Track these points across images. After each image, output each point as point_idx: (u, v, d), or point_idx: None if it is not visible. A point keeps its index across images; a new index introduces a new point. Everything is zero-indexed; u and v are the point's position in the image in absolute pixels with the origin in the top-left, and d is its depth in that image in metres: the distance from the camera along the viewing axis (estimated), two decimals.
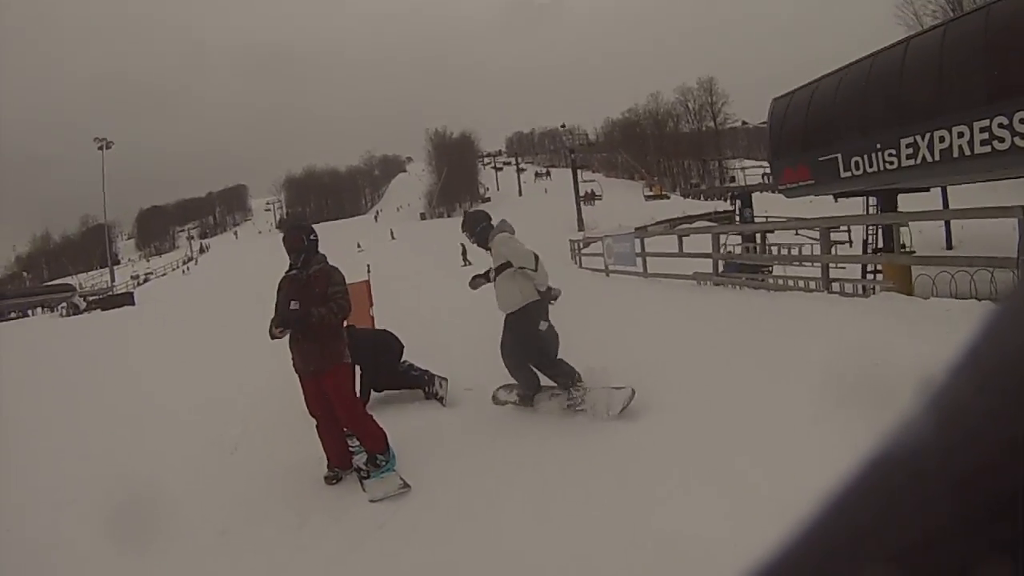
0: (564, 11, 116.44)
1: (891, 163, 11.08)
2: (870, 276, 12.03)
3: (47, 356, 15.83)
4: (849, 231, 15.85)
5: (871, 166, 11.55)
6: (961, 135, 9.78)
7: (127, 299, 35.46)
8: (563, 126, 79.61)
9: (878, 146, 11.24)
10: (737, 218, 24.30)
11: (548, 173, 79.06)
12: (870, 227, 14.03)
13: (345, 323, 5.87)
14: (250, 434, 6.83)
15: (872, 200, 13.88)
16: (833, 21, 69.27)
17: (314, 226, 6.20)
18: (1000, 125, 9.37)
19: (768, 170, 16.92)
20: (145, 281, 58.30)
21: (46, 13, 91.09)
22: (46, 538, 4.98)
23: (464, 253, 9.43)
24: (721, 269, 12.93)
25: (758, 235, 14.76)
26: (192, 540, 4.73)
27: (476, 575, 3.92)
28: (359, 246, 30.35)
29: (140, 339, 16.54)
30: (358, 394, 6.42)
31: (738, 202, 24.12)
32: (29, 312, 44.34)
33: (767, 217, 24.19)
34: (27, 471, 6.45)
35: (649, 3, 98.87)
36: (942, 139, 10.04)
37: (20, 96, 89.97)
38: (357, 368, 6.61)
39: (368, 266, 9.14)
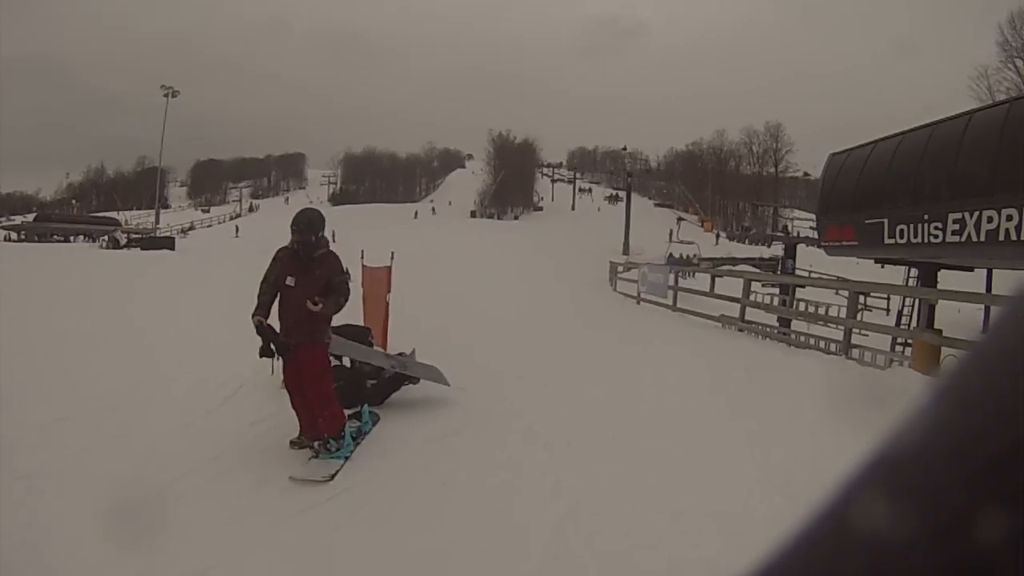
0: (645, 37, 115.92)
1: (936, 236, 10.64)
2: (899, 349, 11.57)
3: (77, 279, 16.35)
4: (888, 299, 15.42)
5: (916, 236, 11.12)
6: (1010, 218, 9.31)
7: (168, 243, 35.41)
8: (624, 148, 79.52)
9: (925, 217, 10.81)
10: (779, 268, 23.97)
11: (590, 190, 79.66)
12: (907, 299, 13.60)
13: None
14: (239, 393, 7.08)
15: (913, 272, 13.46)
16: (911, 83, 67.86)
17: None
18: None
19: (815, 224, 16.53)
20: (191, 229, 59.17)
21: None
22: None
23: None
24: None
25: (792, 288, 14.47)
26: (154, 481, 4.88)
27: (405, 550, 4.10)
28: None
29: (169, 281, 16.94)
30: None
31: (782, 252, 23.86)
32: (71, 239, 45.58)
33: (809, 271, 23.81)
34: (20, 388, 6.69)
35: (729, 43, 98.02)
36: (990, 219, 9.58)
37: (97, 31, 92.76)
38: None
39: (392, 253, 9.06)
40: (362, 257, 9.41)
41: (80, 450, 5.34)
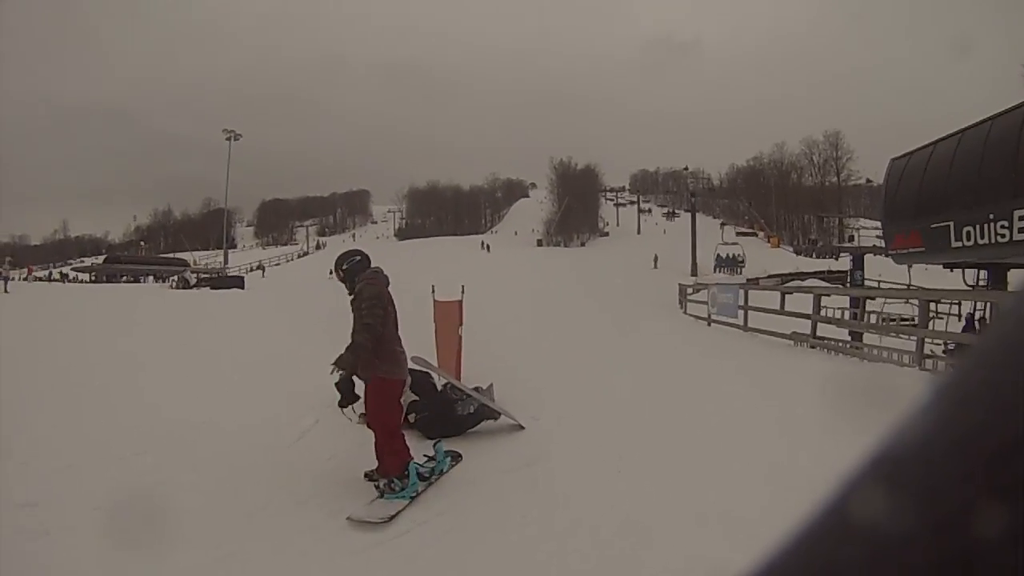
0: (701, 53, 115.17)
1: (1003, 236, 10.25)
2: None
3: (152, 315, 17.12)
4: (959, 306, 14.93)
5: (983, 237, 10.74)
6: None
7: (237, 282, 36.02)
8: (686, 168, 78.98)
9: (991, 217, 10.44)
10: (848, 280, 23.43)
11: (650, 210, 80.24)
12: (978, 304, 13.14)
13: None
14: (318, 427, 7.13)
15: (983, 274, 13.01)
16: (966, 80, 65.41)
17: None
18: None
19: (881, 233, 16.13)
20: (259, 268, 60.67)
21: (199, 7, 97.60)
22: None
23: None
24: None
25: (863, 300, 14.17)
26: (228, 512, 5.13)
27: None
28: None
29: (241, 319, 17.40)
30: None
31: (850, 263, 23.34)
32: (141, 279, 47.58)
33: (879, 282, 23.19)
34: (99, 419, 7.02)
35: (784, 52, 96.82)
36: None
37: (164, 75, 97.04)
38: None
39: (463, 287, 9.26)
40: (432, 292, 9.64)
41: (155, 482, 5.49)
